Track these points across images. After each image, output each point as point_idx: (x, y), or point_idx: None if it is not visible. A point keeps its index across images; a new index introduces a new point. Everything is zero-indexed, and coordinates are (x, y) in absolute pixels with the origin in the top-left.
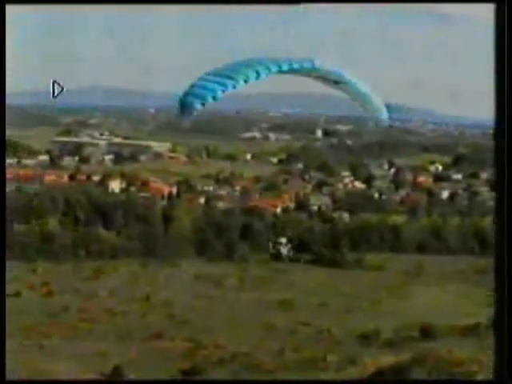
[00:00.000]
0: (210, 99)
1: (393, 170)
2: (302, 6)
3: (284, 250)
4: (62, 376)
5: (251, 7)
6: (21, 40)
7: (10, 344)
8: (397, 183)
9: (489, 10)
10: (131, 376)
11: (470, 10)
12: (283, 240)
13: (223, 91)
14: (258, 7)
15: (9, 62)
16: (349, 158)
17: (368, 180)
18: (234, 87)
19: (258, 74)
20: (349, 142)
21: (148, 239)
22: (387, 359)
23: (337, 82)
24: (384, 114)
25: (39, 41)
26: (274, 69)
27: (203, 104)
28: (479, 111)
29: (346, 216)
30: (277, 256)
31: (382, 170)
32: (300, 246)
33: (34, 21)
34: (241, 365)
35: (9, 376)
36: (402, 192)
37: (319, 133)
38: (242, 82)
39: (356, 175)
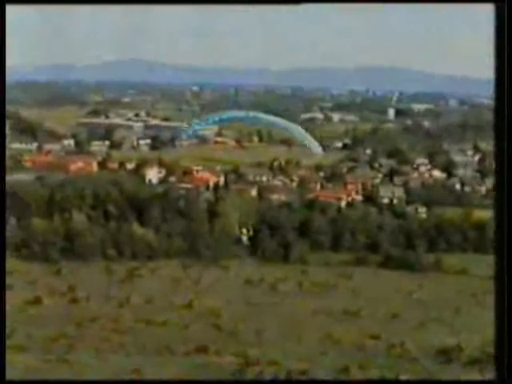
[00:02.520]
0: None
1: (478, 157)
2: None
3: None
4: None
5: None
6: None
7: (30, 359)
8: (483, 172)
9: None
10: None
11: None
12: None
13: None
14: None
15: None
16: (426, 142)
17: (448, 168)
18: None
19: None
20: (426, 124)
21: (191, 237)
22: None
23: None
24: (317, 147)
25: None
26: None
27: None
28: None
29: (421, 210)
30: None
31: (465, 157)
32: (368, 245)
33: None
34: None
35: None
36: (489, 182)
37: (391, 113)
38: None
39: (434, 162)
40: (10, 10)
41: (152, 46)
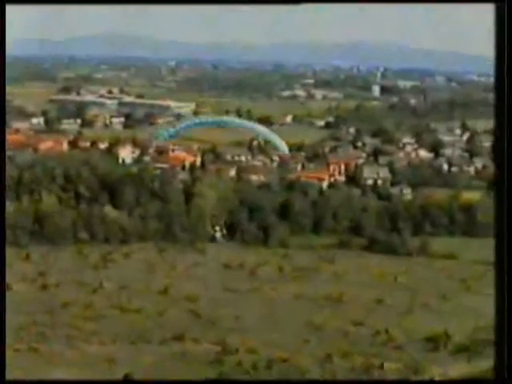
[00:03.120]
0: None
1: (466, 136)
2: None
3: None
4: None
5: None
6: None
7: None
8: (471, 152)
9: None
10: None
11: None
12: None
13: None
14: None
15: None
16: (412, 120)
17: (435, 148)
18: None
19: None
20: (412, 101)
21: (166, 220)
22: (459, 368)
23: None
24: (285, 148)
25: None
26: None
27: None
28: None
29: (407, 192)
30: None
31: (452, 136)
32: (351, 228)
33: None
34: (279, 373)
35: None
36: (478, 162)
37: (376, 90)
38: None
39: (420, 142)
40: None
41: (129, 20)
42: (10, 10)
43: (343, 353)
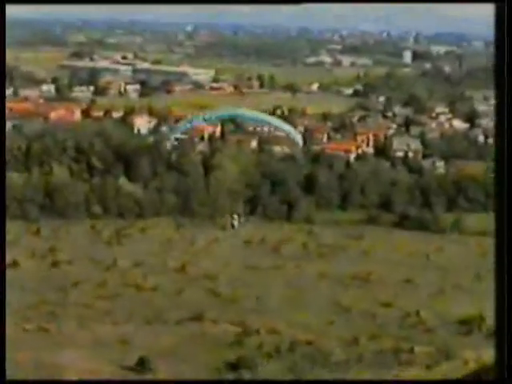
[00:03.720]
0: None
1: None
2: None
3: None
4: (72, 369)
5: None
6: None
7: (6, 329)
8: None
9: None
10: (160, 368)
11: None
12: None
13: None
14: None
15: None
16: (446, 88)
17: (471, 118)
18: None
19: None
20: (446, 68)
21: (184, 193)
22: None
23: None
24: (298, 136)
25: None
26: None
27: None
28: None
29: (440, 165)
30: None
31: (489, 105)
32: (380, 203)
33: None
34: (302, 356)
35: (9, 371)
36: None
37: (407, 56)
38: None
39: (455, 111)
40: None
41: None
42: None
43: (371, 335)
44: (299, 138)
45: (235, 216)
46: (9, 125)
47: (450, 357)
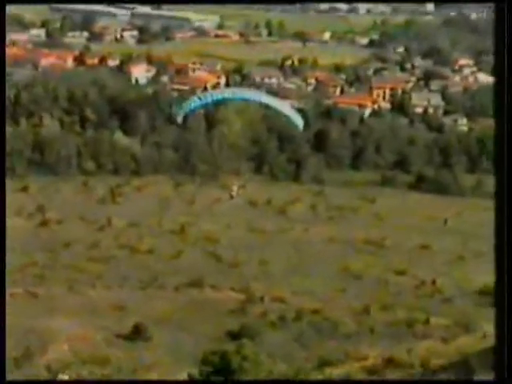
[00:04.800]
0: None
1: None
2: None
3: None
4: (62, 337)
5: None
6: None
7: None
8: None
9: None
10: (157, 336)
11: None
12: None
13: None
14: None
15: None
16: (471, 38)
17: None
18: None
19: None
20: (472, 16)
21: (184, 149)
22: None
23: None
24: (298, 119)
25: None
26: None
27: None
28: None
29: (462, 122)
30: None
31: None
32: (396, 163)
33: None
34: (309, 325)
35: None
36: None
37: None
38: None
39: (480, 64)
40: None
41: None
42: None
43: (383, 305)
44: (300, 122)
45: (234, 187)
46: None
47: (468, 330)
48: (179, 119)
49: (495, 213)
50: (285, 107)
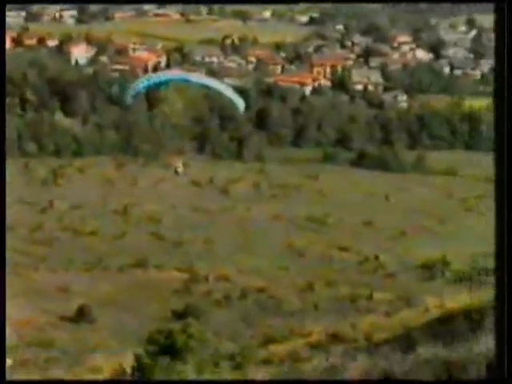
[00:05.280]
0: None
1: (473, 33)
2: None
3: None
4: (6, 320)
5: None
6: None
7: None
8: (478, 52)
9: None
10: (102, 318)
11: None
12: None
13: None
14: None
15: None
16: (409, 15)
17: (436, 48)
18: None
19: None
20: None
21: (126, 130)
22: (458, 298)
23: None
24: (240, 102)
25: None
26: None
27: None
28: None
29: (402, 99)
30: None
31: (456, 33)
32: (337, 140)
33: None
34: (254, 303)
35: None
36: (485, 65)
37: None
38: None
39: (419, 41)
40: None
41: None
42: None
43: (327, 281)
44: (242, 105)
45: (179, 164)
46: None
47: (410, 303)
48: (128, 101)
49: (495, 197)
50: (228, 90)
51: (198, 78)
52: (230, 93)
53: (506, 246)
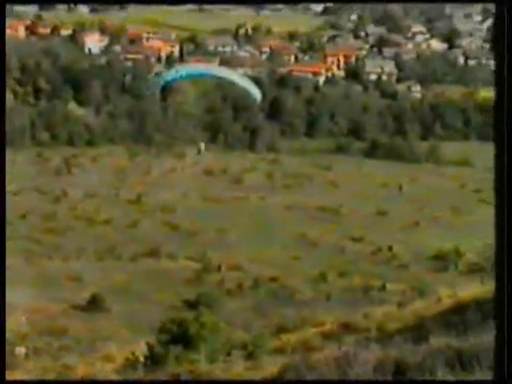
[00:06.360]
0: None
1: (489, 22)
2: None
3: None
4: (19, 309)
5: None
6: None
7: None
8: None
9: None
10: (114, 307)
11: None
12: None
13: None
14: None
15: None
16: (423, 4)
17: (450, 38)
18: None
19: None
20: None
21: (139, 119)
22: (470, 289)
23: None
24: (257, 93)
25: None
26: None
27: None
28: None
29: (416, 89)
30: None
31: (471, 23)
32: (350, 130)
33: None
34: (266, 293)
35: None
36: None
37: None
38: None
39: (433, 30)
40: None
41: None
42: None
43: (339, 272)
44: (258, 95)
45: (202, 144)
46: None
47: (423, 294)
48: (157, 90)
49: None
50: (245, 81)
51: (227, 73)
52: (246, 83)
53: (506, 240)
